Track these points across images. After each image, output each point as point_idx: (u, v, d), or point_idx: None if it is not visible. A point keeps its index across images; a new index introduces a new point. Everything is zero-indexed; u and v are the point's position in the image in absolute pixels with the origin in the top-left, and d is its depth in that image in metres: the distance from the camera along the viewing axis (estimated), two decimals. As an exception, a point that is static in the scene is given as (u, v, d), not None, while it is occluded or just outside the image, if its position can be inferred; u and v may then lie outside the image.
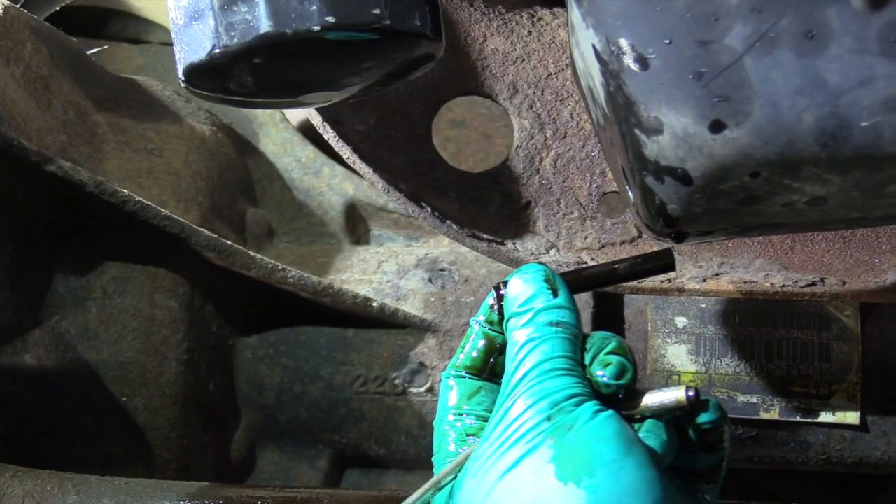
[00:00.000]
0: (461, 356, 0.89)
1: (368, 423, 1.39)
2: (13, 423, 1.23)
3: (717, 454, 0.86)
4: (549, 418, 0.77)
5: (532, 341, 0.82)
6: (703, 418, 0.84)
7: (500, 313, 0.88)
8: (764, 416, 1.30)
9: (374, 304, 1.36)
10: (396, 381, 1.38)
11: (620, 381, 0.82)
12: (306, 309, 1.37)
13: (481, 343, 0.88)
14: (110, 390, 1.25)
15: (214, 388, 1.35)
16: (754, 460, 1.34)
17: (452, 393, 0.88)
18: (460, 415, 0.87)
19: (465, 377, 0.88)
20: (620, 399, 0.83)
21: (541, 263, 0.89)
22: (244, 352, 1.40)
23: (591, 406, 0.78)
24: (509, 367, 0.83)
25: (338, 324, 1.39)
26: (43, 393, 1.24)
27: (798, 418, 1.30)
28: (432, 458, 0.88)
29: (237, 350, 1.40)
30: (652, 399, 0.83)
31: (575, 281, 0.90)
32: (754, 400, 1.30)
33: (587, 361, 0.83)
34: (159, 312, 1.29)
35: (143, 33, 1.93)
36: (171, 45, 1.88)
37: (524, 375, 0.81)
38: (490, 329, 0.88)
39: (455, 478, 0.82)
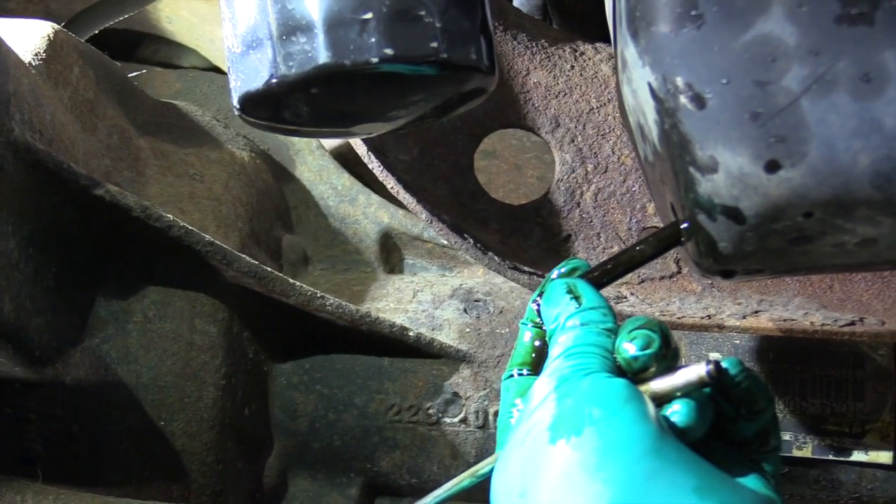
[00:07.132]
0: (513, 356, 0.91)
1: (401, 451, 1.39)
2: (54, 445, 1.23)
3: (757, 417, 0.83)
4: (554, 392, 0.78)
5: (557, 345, 0.84)
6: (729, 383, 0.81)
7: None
8: (797, 453, 1.30)
9: (411, 334, 1.36)
10: (430, 411, 1.38)
11: (646, 352, 0.80)
12: (342, 337, 1.37)
13: (526, 338, 0.91)
14: (149, 414, 1.25)
15: (249, 413, 1.35)
16: (786, 498, 1.33)
17: (510, 392, 0.90)
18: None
19: (521, 375, 0.90)
20: (654, 374, 0.81)
21: (562, 274, 0.90)
22: (279, 378, 1.40)
23: (597, 376, 0.79)
24: None
25: (373, 352, 1.39)
26: (83, 415, 1.24)
27: (831, 456, 1.30)
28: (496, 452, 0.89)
29: (272, 376, 1.40)
30: (674, 380, 0.80)
31: (602, 277, 0.91)
32: (787, 437, 1.29)
33: (617, 343, 0.83)
34: (198, 337, 1.29)
35: (174, 57, 1.95)
36: (206, 70, 1.91)
37: (546, 366, 0.83)
38: (533, 326, 0.91)
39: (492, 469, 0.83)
